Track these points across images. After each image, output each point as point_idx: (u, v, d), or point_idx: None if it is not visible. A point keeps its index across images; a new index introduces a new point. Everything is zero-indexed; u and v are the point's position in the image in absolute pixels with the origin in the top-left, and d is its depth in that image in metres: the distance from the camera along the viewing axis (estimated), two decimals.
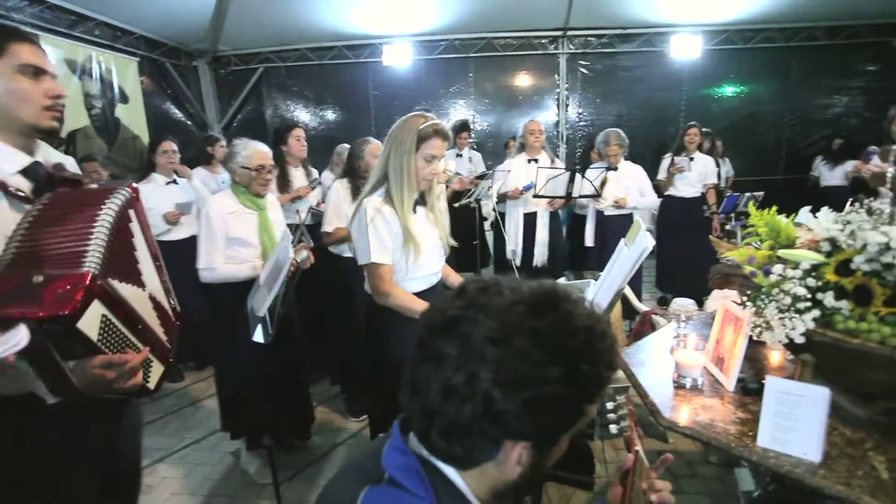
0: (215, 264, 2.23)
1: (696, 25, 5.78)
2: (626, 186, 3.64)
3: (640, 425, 1.22)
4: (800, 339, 1.26)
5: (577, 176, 3.30)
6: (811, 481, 1.05)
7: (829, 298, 1.25)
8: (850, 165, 5.00)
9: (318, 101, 6.49)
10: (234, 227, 2.28)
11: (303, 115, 6.51)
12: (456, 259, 4.61)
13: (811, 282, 1.28)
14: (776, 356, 1.64)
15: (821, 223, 1.39)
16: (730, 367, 1.42)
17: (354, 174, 2.78)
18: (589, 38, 6.04)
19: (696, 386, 1.44)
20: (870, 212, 1.31)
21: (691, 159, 4.33)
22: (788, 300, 1.26)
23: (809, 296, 1.25)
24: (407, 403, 0.66)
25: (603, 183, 3.65)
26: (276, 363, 2.35)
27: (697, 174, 4.34)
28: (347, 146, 3.10)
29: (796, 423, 1.12)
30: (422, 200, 1.75)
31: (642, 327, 2.45)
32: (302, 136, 3.42)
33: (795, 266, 1.33)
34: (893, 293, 1.18)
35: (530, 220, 3.65)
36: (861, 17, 5.64)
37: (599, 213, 3.80)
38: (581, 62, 6.18)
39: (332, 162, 3.83)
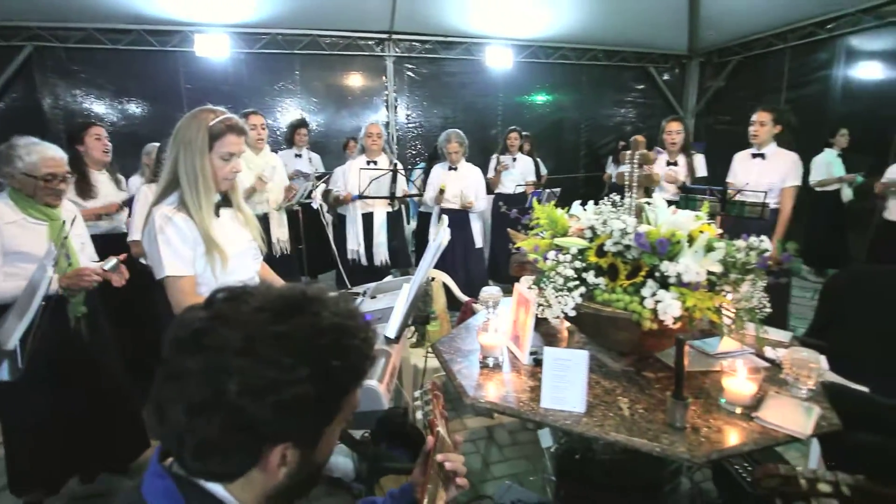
0: None
1: (506, 39, 6.42)
2: (466, 187, 3.85)
3: (449, 408, 1.33)
4: (572, 312, 1.50)
5: (400, 176, 3.42)
6: (576, 429, 1.27)
7: (591, 276, 1.51)
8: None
9: (118, 93, 5.59)
10: (13, 239, 1.89)
11: (98, 107, 5.54)
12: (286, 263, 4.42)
13: (578, 264, 1.53)
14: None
15: (585, 214, 1.68)
16: (523, 343, 1.63)
17: None
18: (413, 43, 6.28)
19: (497, 364, 1.61)
20: (614, 204, 1.62)
21: (514, 159, 4.95)
22: (561, 280, 1.49)
23: (576, 275, 1.50)
24: (154, 427, 0.62)
25: (441, 192, 3.83)
26: (71, 399, 2.01)
27: (520, 172, 4.96)
28: (157, 145, 2.75)
29: (568, 383, 1.33)
30: (226, 202, 1.63)
31: (465, 316, 2.65)
32: (103, 136, 2.95)
33: (566, 251, 1.57)
34: (633, 268, 1.48)
35: (369, 221, 3.68)
36: (628, 45, 6.88)
37: (443, 211, 3.96)
38: (407, 65, 6.41)
39: (143, 164, 3.37)
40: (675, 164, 3.70)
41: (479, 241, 3.90)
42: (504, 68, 6.57)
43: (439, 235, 1.60)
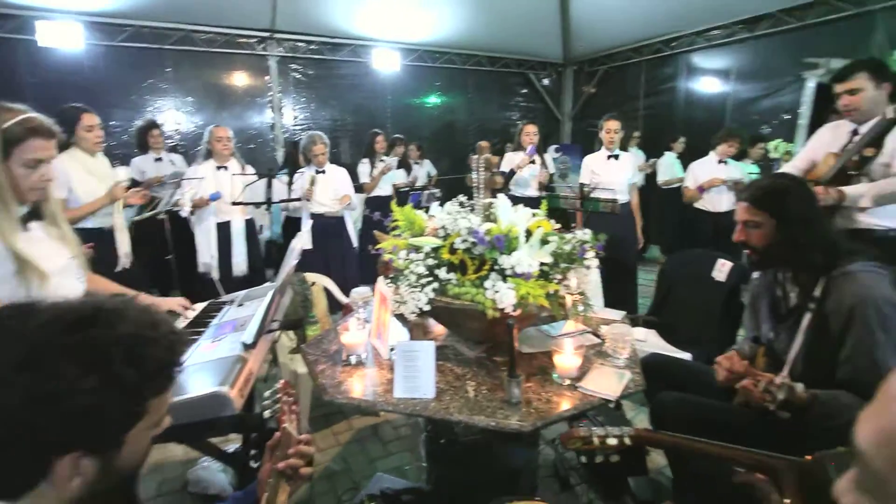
0: None
1: (393, 42, 6.50)
2: (336, 189, 3.84)
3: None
4: (426, 307, 1.60)
5: (275, 181, 3.35)
6: (424, 413, 1.37)
7: (442, 272, 1.63)
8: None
9: None
10: None
11: None
12: (150, 276, 4.11)
13: (430, 261, 1.65)
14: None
15: (439, 214, 1.80)
16: (384, 338, 1.71)
17: None
18: (298, 43, 6.13)
19: (360, 361, 1.68)
20: (462, 204, 1.76)
21: (382, 161, 4.96)
22: (414, 277, 1.59)
23: (428, 272, 1.61)
24: None
25: (312, 183, 3.78)
26: None
27: (393, 174, 5.04)
28: None
29: (418, 372, 1.44)
30: (36, 214, 1.44)
31: (350, 316, 2.68)
32: None
33: (420, 250, 1.68)
34: (479, 263, 1.62)
35: (224, 230, 3.50)
36: (509, 52, 7.32)
37: (315, 215, 3.92)
38: (293, 66, 6.24)
39: None
40: (534, 162, 4.04)
41: (355, 242, 3.93)
42: (392, 71, 6.66)
43: (297, 240, 1.62)
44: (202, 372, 1.39)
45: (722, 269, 2.56)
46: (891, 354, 1.35)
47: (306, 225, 3.86)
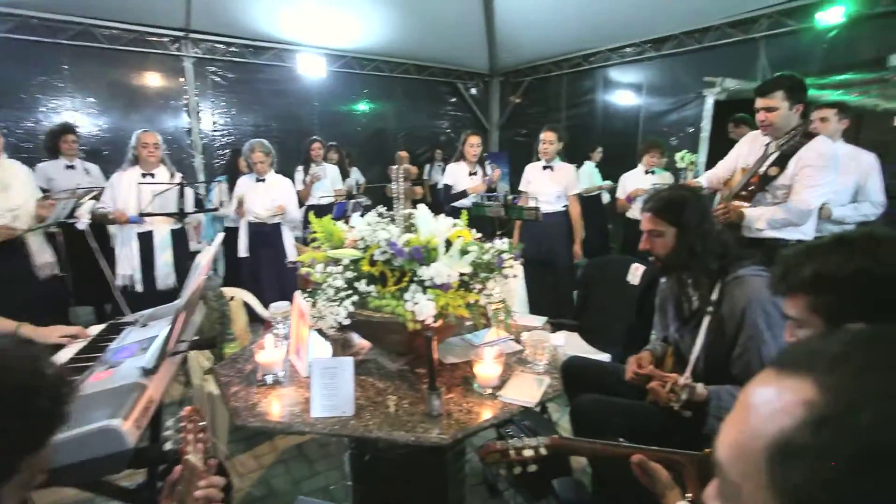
0: None
1: (319, 48, 6.35)
2: (276, 199, 3.66)
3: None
4: (346, 321, 1.56)
5: (188, 190, 3.14)
6: (343, 432, 1.33)
7: (362, 285, 1.59)
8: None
9: None
10: None
11: None
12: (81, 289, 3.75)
13: (349, 274, 1.60)
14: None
15: (359, 226, 1.76)
16: (303, 355, 1.64)
17: None
18: (216, 45, 5.83)
19: (277, 380, 1.60)
20: (381, 215, 1.73)
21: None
22: (332, 291, 1.54)
23: (347, 285, 1.57)
24: None
25: (240, 204, 3.58)
26: None
27: (329, 182, 4.92)
28: None
29: (336, 389, 1.39)
30: None
31: (267, 333, 2.55)
32: None
33: (338, 262, 1.63)
34: (399, 275, 1.60)
35: (146, 241, 3.26)
36: (436, 61, 7.39)
37: (252, 224, 3.71)
38: (211, 68, 5.91)
39: None
40: (475, 173, 4.10)
41: (291, 255, 3.79)
42: (319, 77, 6.50)
43: (203, 256, 1.52)
44: (92, 403, 1.25)
45: (635, 273, 2.71)
46: (776, 351, 1.49)
47: (243, 235, 3.68)
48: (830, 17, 4.42)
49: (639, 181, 4.46)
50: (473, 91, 8.20)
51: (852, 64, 4.46)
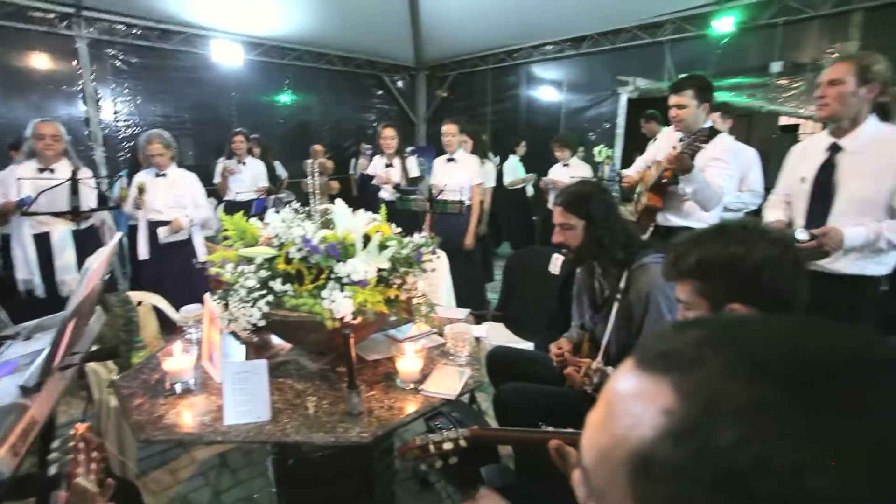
0: None
1: (234, 34, 5.99)
2: (177, 195, 3.40)
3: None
4: (261, 322, 1.49)
5: (85, 187, 2.86)
6: (259, 437, 1.27)
7: (277, 284, 1.53)
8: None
9: None
10: None
11: None
12: None
13: (263, 273, 1.53)
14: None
15: (273, 222, 1.69)
16: (215, 360, 1.55)
17: None
18: (115, 25, 5.32)
19: (188, 388, 1.50)
20: (296, 211, 1.68)
21: (243, 164, 4.63)
22: (245, 291, 1.47)
23: (260, 285, 1.50)
24: None
25: (141, 192, 3.31)
26: None
27: (251, 177, 4.66)
28: None
29: (250, 395, 1.32)
30: None
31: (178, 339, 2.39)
32: None
33: (252, 261, 1.55)
34: (317, 273, 1.56)
35: (43, 242, 2.94)
36: (361, 53, 7.24)
37: (152, 224, 3.43)
38: (110, 51, 5.39)
39: None
40: (392, 165, 4.07)
41: (202, 254, 3.56)
42: (235, 66, 6.14)
43: (93, 259, 1.39)
44: None
45: (556, 263, 2.83)
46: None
47: (143, 235, 3.38)
48: (723, 26, 4.84)
49: (560, 174, 4.66)
50: (400, 84, 8.13)
51: (742, 69, 4.92)
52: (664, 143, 2.81)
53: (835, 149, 1.91)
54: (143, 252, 3.42)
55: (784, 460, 0.23)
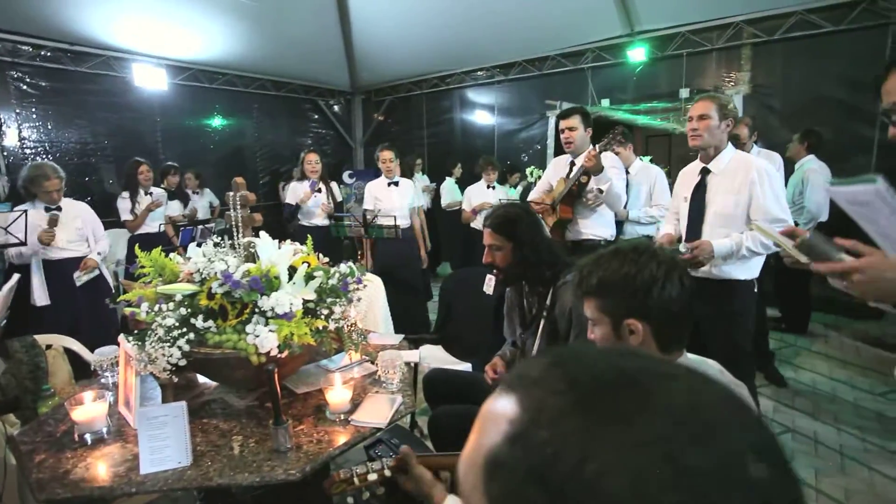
0: None
1: (158, 58, 5.77)
2: (78, 228, 3.18)
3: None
4: (182, 362, 1.43)
5: None
6: (179, 485, 1.21)
7: (199, 321, 1.48)
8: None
9: None
10: None
11: None
12: None
13: (183, 310, 1.48)
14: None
15: (195, 257, 1.64)
16: (132, 405, 1.47)
17: None
18: (21, 46, 4.98)
19: (101, 437, 1.41)
20: (217, 245, 1.64)
21: (150, 194, 4.25)
22: (163, 331, 1.41)
23: (179, 323, 1.44)
24: None
25: (52, 224, 3.05)
26: None
27: (166, 206, 4.42)
28: None
29: (167, 439, 1.26)
30: None
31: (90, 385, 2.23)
32: None
33: (171, 298, 1.50)
34: (241, 307, 1.52)
35: None
36: (295, 77, 7.17)
37: (51, 262, 3.15)
38: (14, 73, 5.02)
39: None
40: (320, 191, 4.06)
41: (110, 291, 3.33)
42: (159, 90, 5.89)
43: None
44: None
45: (489, 283, 2.90)
46: None
47: (37, 279, 3.08)
48: (636, 56, 5.25)
49: (482, 195, 4.81)
50: (336, 108, 8.12)
51: (656, 94, 5.34)
52: (552, 171, 3.19)
53: (705, 172, 2.26)
54: (41, 297, 3.09)
55: (570, 455, 0.29)
